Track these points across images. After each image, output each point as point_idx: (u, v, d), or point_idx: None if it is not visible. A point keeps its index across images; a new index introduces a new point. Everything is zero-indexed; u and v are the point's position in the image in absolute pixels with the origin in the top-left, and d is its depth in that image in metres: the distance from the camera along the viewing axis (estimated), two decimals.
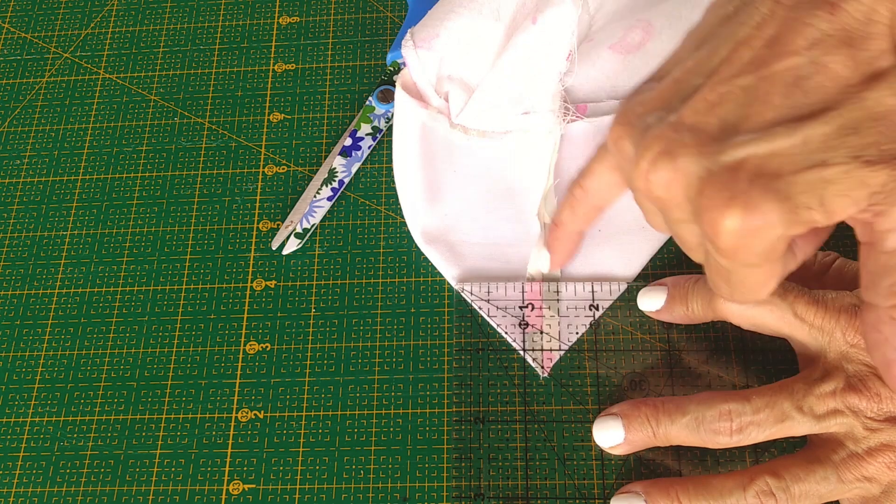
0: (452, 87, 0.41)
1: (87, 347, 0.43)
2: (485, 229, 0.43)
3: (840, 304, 0.35)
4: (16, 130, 0.50)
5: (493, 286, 0.42)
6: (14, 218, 0.47)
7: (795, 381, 0.35)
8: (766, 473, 0.34)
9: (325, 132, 0.48)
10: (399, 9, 0.51)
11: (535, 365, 0.40)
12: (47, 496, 0.40)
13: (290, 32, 0.51)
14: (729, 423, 0.34)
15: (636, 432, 0.36)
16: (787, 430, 0.34)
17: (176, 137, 0.49)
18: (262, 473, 0.40)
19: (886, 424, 0.33)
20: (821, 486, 0.34)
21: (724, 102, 0.28)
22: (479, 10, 0.39)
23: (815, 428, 0.34)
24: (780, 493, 0.34)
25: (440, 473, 0.39)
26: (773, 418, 0.34)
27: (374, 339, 0.42)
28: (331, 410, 0.41)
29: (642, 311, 0.40)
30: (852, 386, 0.34)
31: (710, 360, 0.39)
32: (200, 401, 0.42)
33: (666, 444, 0.36)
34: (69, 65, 0.52)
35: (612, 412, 0.37)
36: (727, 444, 0.35)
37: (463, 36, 0.40)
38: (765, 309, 0.36)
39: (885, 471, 0.33)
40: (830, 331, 0.35)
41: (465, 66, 0.41)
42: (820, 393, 0.34)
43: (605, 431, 0.37)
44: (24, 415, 0.42)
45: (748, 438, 0.34)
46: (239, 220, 0.46)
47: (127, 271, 0.45)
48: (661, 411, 0.36)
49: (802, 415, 0.34)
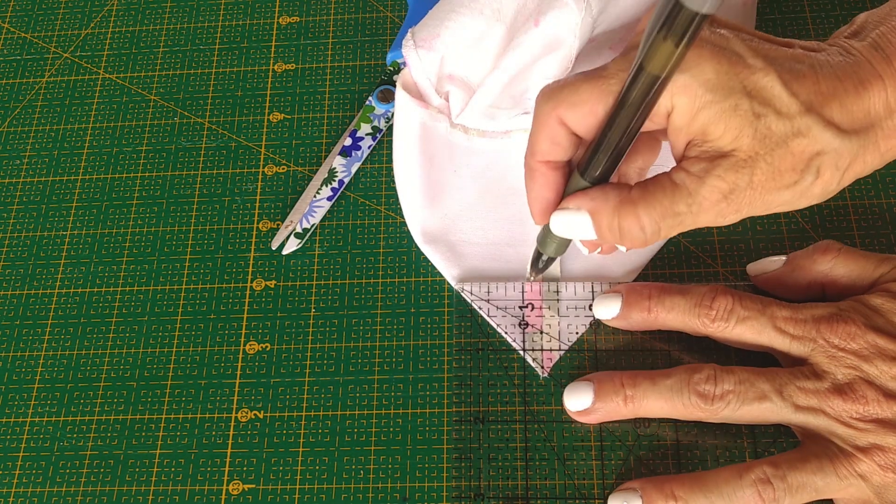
0: (453, 87, 0.41)
1: (87, 347, 0.43)
2: (485, 229, 0.43)
3: (818, 313, 0.36)
4: (16, 130, 0.50)
5: (493, 286, 0.42)
6: (14, 218, 0.47)
7: (782, 370, 0.36)
8: (764, 463, 0.35)
9: (325, 132, 0.48)
10: (399, 9, 0.51)
11: (535, 365, 0.40)
12: (47, 496, 0.40)
13: (290, 32, 0.51)
14: (713, 387, 0.35)
15: (607, 400, 0.37)
16: (765, 411, 0.35)
17: (176, 137, 0.49)
18: (262, 473, 0.40)
19: (873, 425, 0.34)
20: (817, 477, 0.34)
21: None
22: (480, 10, 0.39)
23: (791, 417, 0.35)
24: (778, 482, 0.34)
25: (440, 473, 0.39)
26: (753, 393, 0.35)
27: (374, 339, 0.42)
28: (331, 410, 0.41)
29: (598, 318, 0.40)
30: (838, 389, 0.34)
31: (709, 360, 0.39)
32: (200, 401, 0.42)
33: (635, 414, 0.37)
34: (69, 65, 0.52)
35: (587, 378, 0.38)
36: (705, 413, 0.36)
37: (464, 36, 0.40)
38: (745, 325, 0.36)
39: (877, 470, 0.33)
40: (812, 339, 0.35)
41: (466, 65, 0.41)
42: (803, 386, 0.35)
43: (574, 398, 0.38)
44: (24, 415, 0.42)
45: (726, 408, 0.35)
46: (239, 220, 0.46)
47: (127, 271, 0.45)
48: (640, 376, 0.37)
49: (782, 400, 0.35)
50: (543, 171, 0.35)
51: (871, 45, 0.33)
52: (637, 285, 0.39)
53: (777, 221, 0.43)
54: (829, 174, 0.32)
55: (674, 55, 0.28)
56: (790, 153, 0.31)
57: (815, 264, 0.38)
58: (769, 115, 0.31)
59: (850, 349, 0.35)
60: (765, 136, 0.31)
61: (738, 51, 0.31)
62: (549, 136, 0.34)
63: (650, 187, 0.33)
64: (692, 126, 0.32)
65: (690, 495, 0.35)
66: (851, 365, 0.34)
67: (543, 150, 0.34)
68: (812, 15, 0.48)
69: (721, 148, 0.32)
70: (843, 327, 0.35)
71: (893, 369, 0.34)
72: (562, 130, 0.33)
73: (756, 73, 0.31)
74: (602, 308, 0.40)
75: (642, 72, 0.29)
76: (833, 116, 0.32)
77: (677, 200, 0.32)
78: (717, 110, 0.31)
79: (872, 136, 0.32)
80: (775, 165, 0.32)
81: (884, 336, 0.34)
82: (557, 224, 0.35)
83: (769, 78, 0.31)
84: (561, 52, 0.38)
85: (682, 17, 0.27)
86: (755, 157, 0.31)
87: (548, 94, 0.33)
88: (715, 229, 0.43)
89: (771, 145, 0.31)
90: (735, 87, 0.31)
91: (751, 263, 0.40)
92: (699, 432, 0.38)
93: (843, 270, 0.37)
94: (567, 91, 0.33)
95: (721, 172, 0.32)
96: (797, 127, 0.31)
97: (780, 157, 0.32)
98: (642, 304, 0.38)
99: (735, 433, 0.38)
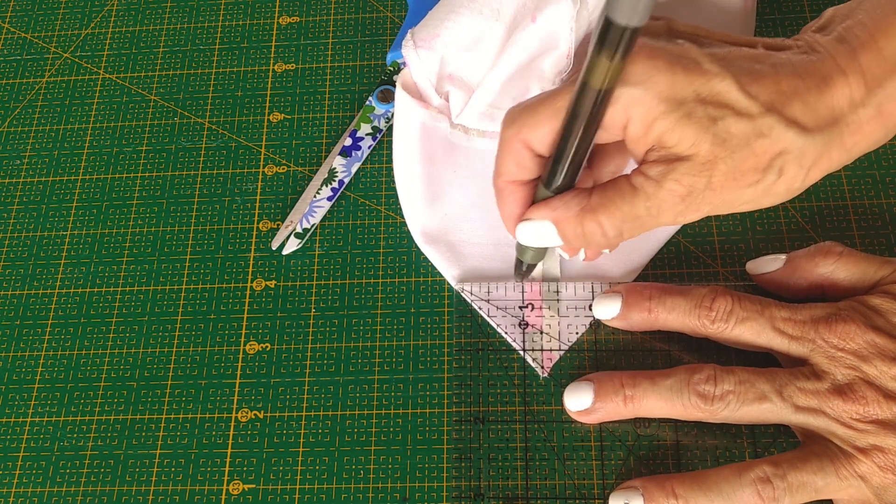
0: (453, 87, 0.41)
1: (87, 347, 0.43)
2: (485, 229, 0.43)
3: (817, 314, 0.36)
4: (16, 130, 0.50)
5: (493, 286, 0.42)
6: (14, 218, 0.47)
7: (782, 370, 0.36)
8: (764, 463, 0.35)
9: (325, 132, 0.48)
10: (399, 9, 0.51)
11: (535, 365, 0.40)
12: (47, 496, 0.40)
13: (290, 32, 0.51)
14: (713, 387, 0.35)
15: (607, 400, 0.37)
16: (765, 412, 0.35)
17: (176, 137, 0.49)
18: (262, 473, 0.40)
19: (873, 426, 0.34)
20: (817, 477, 0.34)
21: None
22: (480, 10, 0.39)
23: (791, 418, 0.35)
24: (777, 481, 0.34)
25: (440, 473, 0.39)
26: (753, 394, 0.35)
27: (374, 339, 0.42)
28: (331, 410, 0.41)
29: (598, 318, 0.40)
30: (838, 390, 0.34)
31: (709, 360, 0.39)
32: (200, 401, 0.42)
33: (635, 414, 0.37)
34: (69, 65, 0.52)
35: (587, 378, 0.38)
36: (704, 413, 0.36)
37: (464, 36, 0.40)
38: (744, 326, 0.36)
39: (877, 471, 0.33)
40: (812, 339, 0.35)
41: (466, 66, 0.41)
42: (803, 387, 0.35)
43: (574, 398, 0.38)
44: (24, 415, 0.42)
45: (726, 409, 0.35)
46: (239, 220, 0.46)
47: (127, 271, 0.45)
48: (640, 376, 0.37)
49: (782, 400, 0.35)
50: (511, 189, 0.36)
51: (836, 39, 0.33)
52: (637, 285, 0.39)
53: (777, 221, 0.43)
54: (792, 172, 0.33)
55: (610, 69, 0.29)
56: (752, 154, 0.32)
57: (816, 267, 0.38)
58: (728, 118, 0.31)
59: (849, 349, 0.35)
60: (724, 139, 0.32)
61: (694, 58, 0.32)
62: (514, 160, 0.35)
63: (609, 192, 0.34)
64: (648, 136, 0.32)
65: (690, 493, 0.35)
66: (851, 365, 0.34)
67: (510, 172, 0.35)
68: (812, 15, 0.48)
69: (679, 153, 0.32)
70: (843, 327, 0.35)
71: (893, 369, 0.34)
72: (526, 153, 0.34)
73: (712, 79, 0.31)
74: (602, 308, 0.40)
75: (586, 86, 0.30)
76: (795, 115, 0.32)
77: (636, 204, 0.33)
78: (671, 120, 0.31)
79: (837, 133, 0.32)
80: (736, 166, 0.32)
81: (883, 336, 0.34)
82: (524, 235, 0.36)
83: (725, 83, 0.31)
84: (558, 50, 0.38)
85: (612, 32, 0.28)
86: (714, 160, 0.32)
87: (510, 117, 0.34)
88: (715, 229, 0.43)
89: (732, 147, 0.32)
90: (689, 95, 0.31)
91: (750, 261, 0.40)
92: (699, 432, 0.38)
93: (845, 273, 0.37)
94: (527, 113, 0.34)
95: (678, 176, 0.32)
96: (758, 127, 0.31)
97: (741, 159, 0.32)
98: (642, 304, 0.38)
99: (735, 433, 0.38)
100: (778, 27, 0.48)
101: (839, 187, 0.43)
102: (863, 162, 0.44)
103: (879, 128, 0.33)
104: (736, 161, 0.32)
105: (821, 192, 0.43)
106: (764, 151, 0.32)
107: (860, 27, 0.33)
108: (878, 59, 0.32)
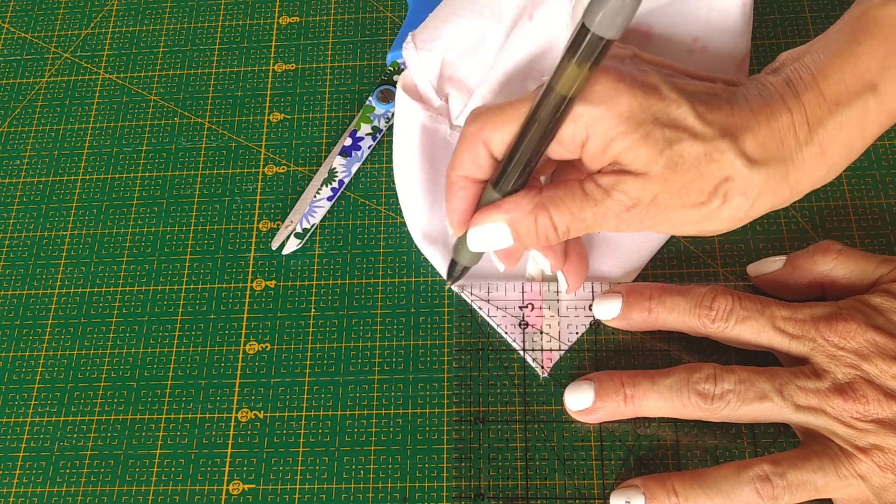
0: (453, 89, 0.41)
1: (87, 347, 0.43)
2: None
3: (817, 312, 0.36)
4: (16, 130, 0.50)
5: (493, 286, 0.42)
6: (14, 218, 0.47)
7: (782, 369, 0.36)
8: (764, 461, 0.35)
9: (325, 132, 0.48)
10: (399, 9, 0.51)
11: (535, 365, 0.40)
12: (47, 496, 0.40)
13: (290, 32, 0.51)
14: (713, 386, 0.35)
15: (607, 399, 0.37)
16: (765, 411, 0.35)
17: (176, 137, 0.49)
18: (262, 473, 0.40)
19: (873, 426, 0.34)
20: (817, 476, 0.34)
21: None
22: (481, 11, 0.39)
23: (791, 417, 0.35)
24: (777, 479, 0.34)
25: (440, 473, 0.39)
26: (753, 393, 0.35)
27: (374, 339, 0.42)
28: (331, 410, 0.41)
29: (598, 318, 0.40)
30: (839, 389, 0.34)
31: (709, 360, 0.39)
32: (200, 401, 0.42)
33: (636, 413, 0.37)
34: (69, 65, 0.52)
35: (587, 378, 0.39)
36: (705, 412, 0.36)
37: (464, 38, 0.40)
38: (744, 326, 0.37)
39: (876, 470, 0.33)
40: (812, 338, 0.35)
41: (466, 67, 0.41)
42: (803, 386, 0.35)
43: (575, 397, 0.38)
44: (24, 415, 0.42)
45: (726, 408, 0.35)
46: (239, 220, 0.46)
47: (127, 271, 0.45)
48: (640, 375, 0.37)
49: (782, 399, 0.35)
50: (463, 184, 0.36)
51: (784, 80, 0.35)
52: (637, 285, 0.39)
53: (777, 221, 0.43)
54: (736, 201, 0.34)
55: (579, 77, 0.31)
56: (700, 176, 0.33)
57: (815, 265, 0.38)
58: (684, 141, 0.33)
59: (849, 348, 0.35)
60: (676, 163, 0.33)
61: (655, 84, 0.33)
62: (471, 156, 0.35)
63: (561, 192, 0.35)
64: (605, 155, 0.34)
65: (690, 491, 0.35)
66: (851, 364, 0.34)
67: (465, 167, 0.36)
68: (812, 15, 0.48)
69: (634, 171, 0.34)
70: (843, 326, 0.35)
71: (893, 368, 0.34)
72: (483, 152, 0.35)
73: (670, 105, 0.33)
74: (602, 308, 0.40)
75: (551, 91, 0.32)
76: (745, 147, 0.33)
77: (585, 208, 0.34)
78: (629, 141, 0.33)
79: (783, 168, 0.34)
80: (683, 186, 0.33)
81: (884, 335, 0.34)
82: (476, 240, 0.37)
83: (682, 109, 0.33)
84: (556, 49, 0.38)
85: (588, 42, 0.30)
86: (663, 180, 0.33)
87: (475, 115, 0.35)
88: None
89: (682, 170, 0.33)
90: (647, 118, 0.33)
91: (751, 264, 0.40)
92: (699, 432, 0.38)
93: (844, 271, 0.38)
94: (492, 112, 0.35)
95: (626, 188, 0.34)
96: (710, 151, 0.33)
97: (689, 179, 0.33)
98: (642, 304, 0.38)
99: (735, 433, 0.38)
100: (778, 27, 0.48)
101: (839, 187, 0.43)
102: (863, 162, 0.44)
103: (821, 166, 0.34)
104: (685, 180, 0.33)
105: (821, 193, 0.43)
106: (712, 175, 0.33)
107: (804, 69, 0.34)
108: (820, 101, 0.34)
